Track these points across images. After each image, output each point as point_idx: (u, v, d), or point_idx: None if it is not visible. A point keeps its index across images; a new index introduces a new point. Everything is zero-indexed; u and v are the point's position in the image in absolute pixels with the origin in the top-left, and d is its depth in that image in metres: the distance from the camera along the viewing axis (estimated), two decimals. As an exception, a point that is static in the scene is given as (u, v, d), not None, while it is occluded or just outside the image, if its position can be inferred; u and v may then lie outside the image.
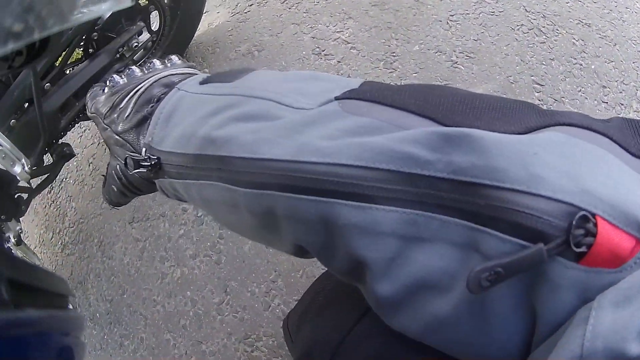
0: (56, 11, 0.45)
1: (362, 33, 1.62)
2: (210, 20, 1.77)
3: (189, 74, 0.46)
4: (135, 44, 1.45)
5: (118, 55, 1.43)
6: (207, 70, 1.65)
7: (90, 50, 1.40)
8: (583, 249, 0.20)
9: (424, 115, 0.29)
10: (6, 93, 1.19)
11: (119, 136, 0.42)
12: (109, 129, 0.44)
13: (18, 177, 1.20)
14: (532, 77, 1.61)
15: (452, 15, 1.72)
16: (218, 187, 0.34)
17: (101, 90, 0.48)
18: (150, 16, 1.49)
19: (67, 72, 1.43)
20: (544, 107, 1.18)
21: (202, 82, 0.41)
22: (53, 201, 1.73)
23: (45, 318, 0.30)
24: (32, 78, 1.12)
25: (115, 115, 0.43)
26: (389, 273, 0.26)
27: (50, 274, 0.40)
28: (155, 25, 1.52)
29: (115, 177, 0.48)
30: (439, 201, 0.24)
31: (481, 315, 0.24)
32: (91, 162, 1.68)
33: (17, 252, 1.42)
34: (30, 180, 1.22)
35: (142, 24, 1.46)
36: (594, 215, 0.20)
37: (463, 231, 0.24)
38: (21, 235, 1.44)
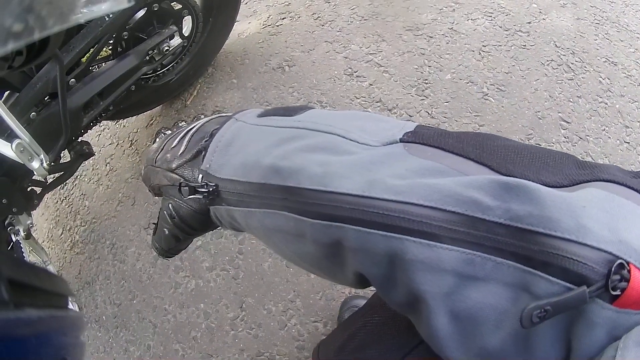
0: (56, 11, 0.45)
1: (395, 57, 1.62)
2: (241, 30, 1.75)
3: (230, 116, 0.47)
4: (167, 47, 1.43)
5: (147, 58, 1.41)
6: (234, 81, 1.63)
7: (119, 49, 1.38)
8: (618, 292, 0.23)
9: (482, 163, 0.32)
10: (28, 84, 1.16)
11: (173, 172, 0.42)
12: (161, 169, 0.44)
13: (35, 173, 1.18)
14: (559, 114, 1.62)
15: (485, 46, 1.73)
16: (283, 216, 0.34)
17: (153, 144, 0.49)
18: (183, 21, 1.47)
19: (94, 69, 1.41)
20: (569, 145, 1.18)
21: (260, 115, 0.42)
22: (66, 197, 1.69)
23: (45, 318, 0.30)
24: (57, 72, 1.10)
25: (168, 155, 0.43)
26: (445, 307, 0.28)
27: (51, 274, 0.39)
28: (186, 31, 1.50)
29: (168, 217, 0.46)
30: (496, 244, 0.27)
31: (526, 348, 0.27)
32: (108, 162, 1.65)
33: (26, 246, 1.39)
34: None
35: (175, 27, 1.44)
36: (628, 263, 0.23)
37: (515, 273, 0.26)
38: (31, 229, 1.41)
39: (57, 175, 1.35)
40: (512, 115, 1.58)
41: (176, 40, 1.46)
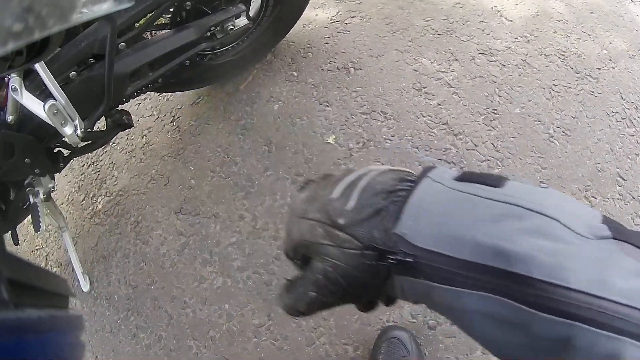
0: (56, 11, 0.44)
1: (466, 80, 1.54)
2: (307, 21, 1.65)
3: (409, 172, 0.41)
4: (231, 26, 1.31)
5: (208, 34, 1.29)
6: (294, 73, 1.53)
7: (178, 19, 1.27)
8: None
9: None
10: (72, 40, 1.05)
11: (340, 230, 0.36)
12: (319, 224, 0.38)
13: (66, 139, 1.07)
14: (617, 169, 1.55)
15: (555, 85, 1.65)
16: (504, 303, 0.33)
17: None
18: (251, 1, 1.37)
19: (147, 36, 1.30)
20: (622, 203, 1.12)
21: (459, 179, 0.37)
22: (93, 162, 1.59)
23: (45, 318, 0.30)
24: (109, 33, 0.99)
25: (329, 208, 0.38)
26: None
27: (51, 274, 0.38)
28: (252, 12, 1.39)
29: (323, 281, 0.39)
30: None
31: None
32: (145, 135, 1.55)
33: (43, 209, 1.29)
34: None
35: (243, 7, 1.32)
36: None
37: None
38: (52, 192, 1.32)
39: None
40: (574, 162, 1.51)
41: (242, 21, 1.35)
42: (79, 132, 1.06)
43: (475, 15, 1.75)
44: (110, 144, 1.60)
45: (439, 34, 1.63)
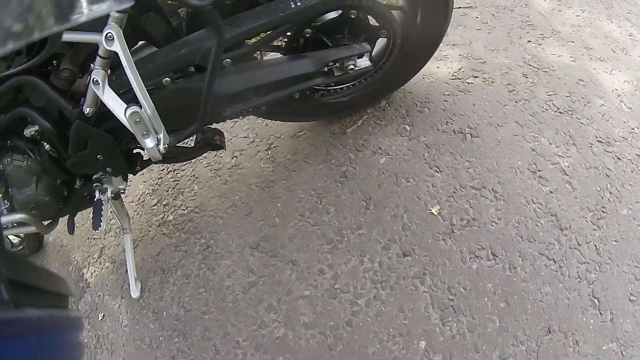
0: (56, 11, 0.45)
1: (581, 169, 1.42)
2: (427, 73, 1.55)
3: None
4: (352, 66, 1.20)
5: (326, 69, 1.19)
6: (407, 127, 1.43)
7: (294, 45, 1.16)
8: None
9: None
10: (173, 44, 0.96)
11: None
12: None
13: (146, 152, 0.98)
14: None
15: (669, 185, 1.52)
16: None
17: None
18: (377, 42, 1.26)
19: (257, 58, 1.21)
20: None
21: None
22: (174, 170, 1.52)
23: (45, 318, 0.30)
24: (214, 46, 0.90)
25: None
26: None
27: (51, 273, 0.40)
28: (375, 54, 1.29)
29: None
30: None
31: None
32: (236, 157, 1.47)
33: (107, 207, 1.21)
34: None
35: (368, 47, 1.21)
36: None
37: None
38: (122, 193, 1.24)
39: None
40: None
41: (364, 62, 1.23)
42: (161, 147, 0.97)
43: (597, 97, 1.63)
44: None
45: (560, 112, 1.51)
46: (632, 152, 1.56)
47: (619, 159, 1.52)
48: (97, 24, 0.77)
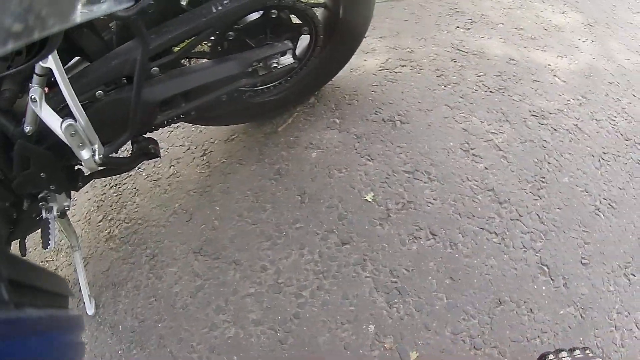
0: (56, 11, 0.45)
1: (516, 143, 1.44)
2: (355, 66, 1.58)
3: None
4: (275, 64, 1.23)
5: (250, 69, 1.21)
6: (337, 120, 1.46)
7: (219, 49, 1.18)
8: None
9: None
10: (104, 57, 0.98)
11: None
12: None
13: (83, 163, 1.00)
14: (661, 246, 1.44)
15: (605, 154, 1.56)
16: None
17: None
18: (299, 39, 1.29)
19: (185, 64, 1.23)
20: None
21: None
22: (116, 184, 1.53)
23: (45, 318, 0.30)
24: (139, 55, 0.92)
25: None
26: None
27: (51, 274, 0.42)
28: (299, 51, 1.31)
29: None
30: None
31: None
32: (173, 165, 1.48)
33: (55, 225, 1.21)
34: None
35: (290, 44, 1.24)
36: None
37: None
38: (67, 210, 1.24)
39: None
40: (617, 238, 1.41)
41: (288, 59, 1.26)
42: (97, 157, 0.99)
43: (528, 74, 1.67)
44: (137, 168, 1.53)
45: (491, 92, 1.54)
46: (569, 122, 1.59)
47: (556, 130, 1.55)
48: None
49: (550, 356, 0.51)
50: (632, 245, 1.40)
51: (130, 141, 1.17)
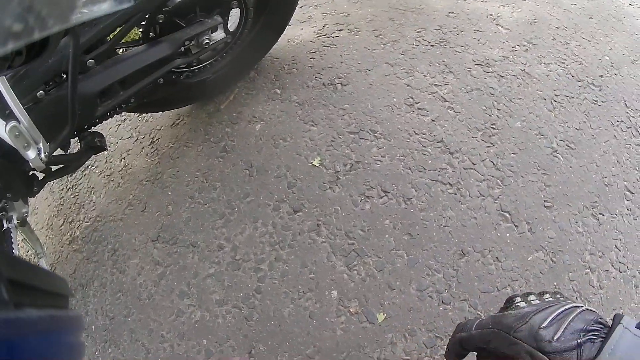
0: (56, 11, 0.45)
1: (462, 93, 1.44)
2: (292, 36, 1.57)
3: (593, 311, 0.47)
4: (207, 41, 1.23)
5: (183, 49, 1.21)
6: (278, 91, 1.45)
7: (151, 34, 1.18)
8: None
9: None
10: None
11: (545, 354, 0.43)
12: (524, 345, 0.45)
13: (31, 164, 1.00)
14: (625, 183, 1.45)
15: (557, 96, 1.55)
16: None
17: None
18: (230, 14, 1.28)
19: (118, 52, 1.22)
20: (631, 218, 1.08)
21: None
22: (72, 186, 1.52)
23: (45, 318, 0.29)
24: (71, 48, 0.91)
25: (537, 333, 0.45)
26: None
27: (51, 274, 0.39)
28: (232, 26, 1.31)
29: None
30: None
31: None
32: (124, 158, 1.47)
33: (17, 235, 1.22)
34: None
35: (220, 19, 1.24)
36: None
37: None
38: (26, 217, 1.24)
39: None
40: (580, 178, 1.41)
41: (219, 34, 1.26)
42: (42, 156, 0.98)
43: (470, 25, 1.66)
44: (90, 166, 1.53)
45: (432, 45, 1.54)
46: (515, 68, 1.59)
47: (502, 77, 1.55)
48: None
49: (518, 299, 0.52)
50: (597, 185, 1.40)
51: (77, 137, 1.17)
